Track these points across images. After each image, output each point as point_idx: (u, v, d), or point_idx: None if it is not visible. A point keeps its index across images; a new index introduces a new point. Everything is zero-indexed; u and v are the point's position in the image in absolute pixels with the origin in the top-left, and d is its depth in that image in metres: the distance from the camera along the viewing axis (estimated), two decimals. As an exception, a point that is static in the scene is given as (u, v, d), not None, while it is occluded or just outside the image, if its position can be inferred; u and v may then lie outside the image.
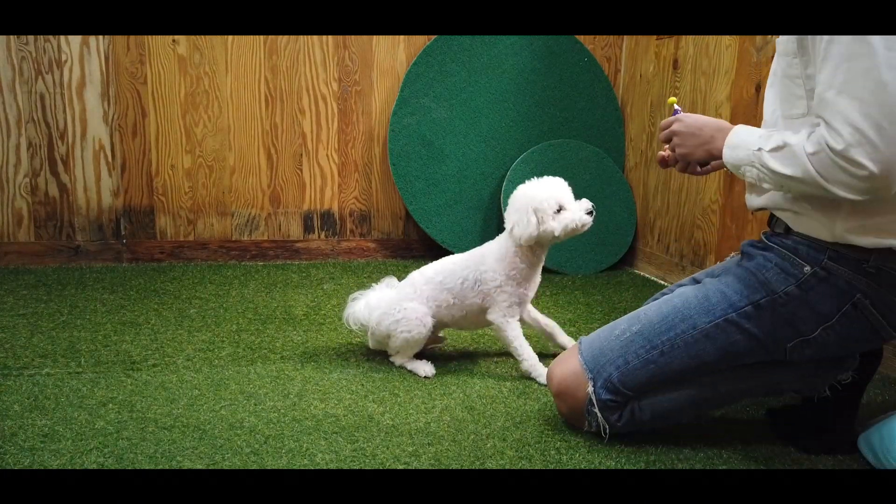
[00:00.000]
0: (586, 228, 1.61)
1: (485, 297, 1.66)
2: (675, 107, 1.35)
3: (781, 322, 1.18)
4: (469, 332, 1.99)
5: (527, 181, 1.64)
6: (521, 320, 1.73)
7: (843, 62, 1.00)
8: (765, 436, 1.38)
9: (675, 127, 1.28)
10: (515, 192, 1.64)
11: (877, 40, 0.97)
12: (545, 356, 1.80)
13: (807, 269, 1.16)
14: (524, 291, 1.67)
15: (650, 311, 1.30)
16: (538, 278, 1.70)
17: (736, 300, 1.21)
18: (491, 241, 1.71)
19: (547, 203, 1.58)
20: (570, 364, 1.33)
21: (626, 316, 1.34)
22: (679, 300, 1.27)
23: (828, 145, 1.01)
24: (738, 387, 1.28)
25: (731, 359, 1.23)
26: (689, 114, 1.29)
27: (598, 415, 1.28)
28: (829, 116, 1.01)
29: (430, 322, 1.66)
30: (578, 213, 1.59)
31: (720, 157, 1.21)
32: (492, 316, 1.67)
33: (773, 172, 1.09)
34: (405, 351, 1.68)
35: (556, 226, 1.58)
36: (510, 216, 1.63)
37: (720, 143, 1.20)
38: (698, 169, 1.35)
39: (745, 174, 1.16)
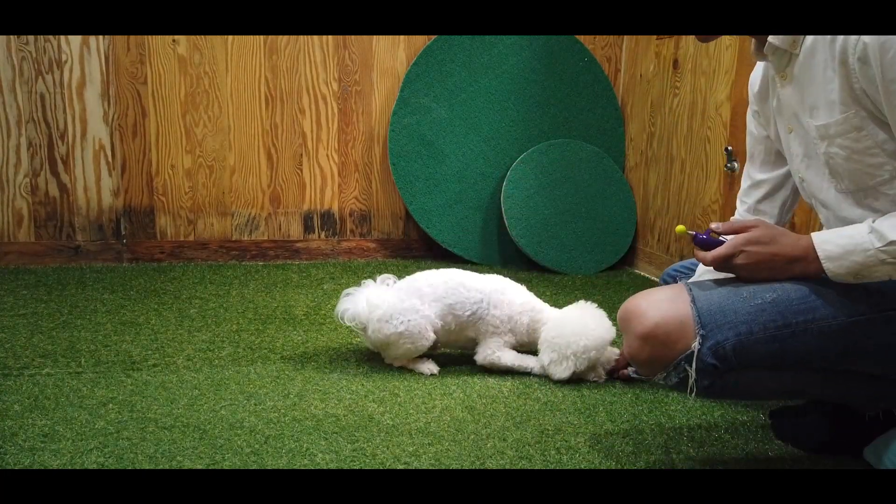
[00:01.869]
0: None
1: (479, 333, 1.69)
2: (690, 232, 1.19)
3: None
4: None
5: (580, 316, 1.65)
6: None
7: None
8: (765, 436, 1.38)
9: (740, 262, 1.12)
10: (562, 324, 1.65)
11: None
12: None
13: None
14: (515, 339, 1.71)
15: (786, 283, 1.12)
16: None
17: (880, 299, 1.09)
18: (517, 289, 1.74)
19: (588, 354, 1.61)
20: (677, 307, 1.11)
21: (742, 280, 1.16)
22: (819, 282, 1.11)
23: None
24: (825, 390, 1.19)
25: (850, 362, 1.12)
26: (746, 244, 1.11)
27: (693, 376, 1.10)
28: None
29: (432, 336, 1.65)
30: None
31: (812, 277, 1.10)
32: (481, 354, 1.69)
33: None
34: (403, 357, 1.68)
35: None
36: (547, 345, 1.64)
37: (810, 266, 1.08)
38: None
39: (872, 276, 1.04)
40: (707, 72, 2.39)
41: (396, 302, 1.64)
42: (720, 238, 1.16)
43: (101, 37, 2.58)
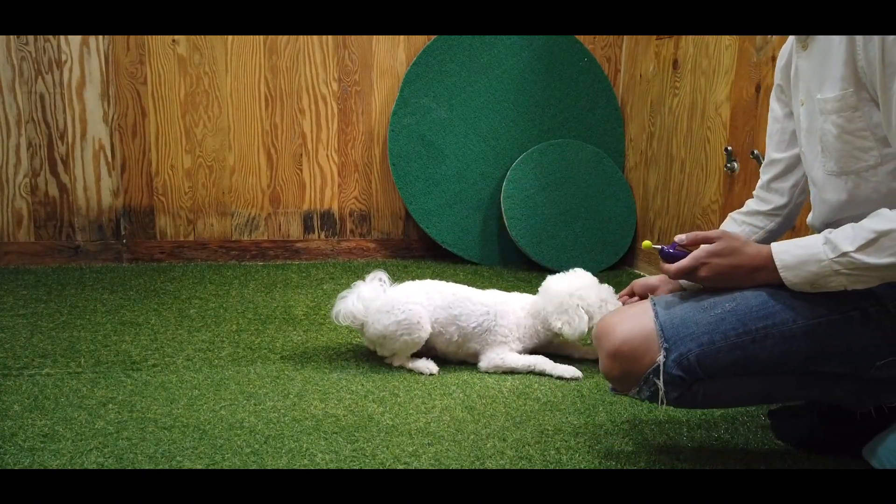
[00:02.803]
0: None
1: (485, 344, 1.70)
2: (656, 246, 1.22)
3: (882, 336, 1.10)
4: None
5: (560, 277, 1.72)
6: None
7: None
8: (765, 436, 1.38)
9: (703, 274, 1.15)
10: (554, 287, 1.70)
11: None
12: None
13: None
14: (521, 347, 1.73)
15: (746, 291, 1.15)
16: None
17: (841, 301, 1.09)
18: (524, 298, 1.77)
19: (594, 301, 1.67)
20: (642, 323, 1.15)
21: (706, 291, 1.19)
22: (780, 288, 1.13)
23: None
24: (799, 392, 1.20)
25: (814, 363, 1.12)
26: (707, 257, 1.14)
27: (661, 389, 1.13)
28: None
29: (429, 329, 1.66)
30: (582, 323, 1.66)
31: (771, 285, 1.12)
32: (486, 361, 1.69)
33: (876, 268, 1.01)
34: (402, 353, 1.67)
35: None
36: (554, 313, 1.67)
37: (770, 276, 1.10)
38: None
39: (828, 285, 1.06)
40: (707, 72, 2.39)
41: (398, 295, 1.67)
42: (686, 250, 1.18)
43: (100, 37, 2.58)
